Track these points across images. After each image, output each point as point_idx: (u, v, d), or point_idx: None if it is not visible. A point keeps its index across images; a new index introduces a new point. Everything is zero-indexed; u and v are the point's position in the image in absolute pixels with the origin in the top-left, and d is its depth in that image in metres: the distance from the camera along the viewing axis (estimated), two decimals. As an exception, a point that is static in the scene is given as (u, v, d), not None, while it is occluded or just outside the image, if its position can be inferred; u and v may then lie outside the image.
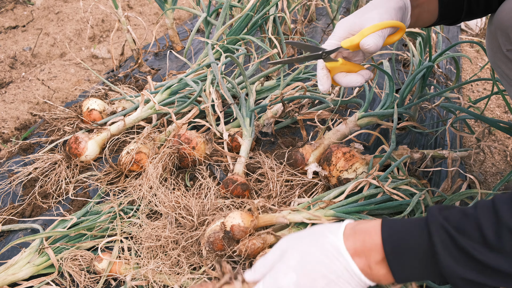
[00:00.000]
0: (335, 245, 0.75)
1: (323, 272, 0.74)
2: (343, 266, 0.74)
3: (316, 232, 0.80)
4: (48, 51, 2.76)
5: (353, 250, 0.75)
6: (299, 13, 2.55)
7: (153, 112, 1.76)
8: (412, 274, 0.73)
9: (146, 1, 3.46)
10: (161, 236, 1.27)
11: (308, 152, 1.52)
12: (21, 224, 1.46)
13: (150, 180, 1.44)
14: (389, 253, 0.73)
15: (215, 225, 1.22)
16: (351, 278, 0.74)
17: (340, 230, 0.77)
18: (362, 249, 0.74)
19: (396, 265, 0.73)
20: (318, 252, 0.76)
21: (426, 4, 1.16)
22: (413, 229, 0.73)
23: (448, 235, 0.68)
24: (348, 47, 1.02)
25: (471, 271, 0.67)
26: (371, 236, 0.75)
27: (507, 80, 1.26)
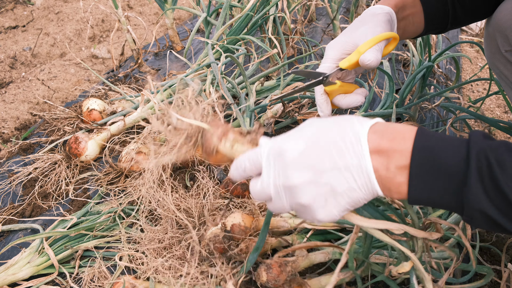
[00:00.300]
0: (357, 133, 0.68)
1: (333, 155, 0.68)
2: (357, 157, 0.68)
3: (345, 117, 0.73)
4: (48, 51, 2.76)
5: (376, 146, 0.68)
6: (299, 13, 2.55)
7: (153, 112, 1.76)
8: (429, 195, 0.67)
9: (146, 1, 3.46)
10: (164, 239, 1.26)
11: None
12: (21, 224, 1.46)
13: (149, 182, 1.44)
14: (415, 162, 0.66)
15: (215, 228, 1.22)
16: (360, 174, 0.68)
17: (369, 122, 0.71)
18: (387, 148, 0.67)
19: (417, 178, 0.67)
20: (337, 134, 0.69)
21: (411, 16, 1.16)
22: (450, 146, 0.66)
23: (488, 164, 0.63)
24: (347, 67, 1.01)
25: (495, 209, 0.64)
26: (403, 139, 0.68)
27: (506, 81, 1.26)
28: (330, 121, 0.72)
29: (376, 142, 0.68)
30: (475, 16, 1.23)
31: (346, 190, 0.69)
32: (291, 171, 0.70)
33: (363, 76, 2.22)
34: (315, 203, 0.70)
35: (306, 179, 0.69)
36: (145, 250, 1.26)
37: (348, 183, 0.69)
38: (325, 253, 1.16)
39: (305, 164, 0.69)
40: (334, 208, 0.71)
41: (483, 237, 1.42)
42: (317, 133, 0.71)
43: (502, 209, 0.64)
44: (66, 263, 1.32)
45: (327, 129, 0.71)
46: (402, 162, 0.67)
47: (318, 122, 0.73)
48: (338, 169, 0.68)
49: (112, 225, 1.39)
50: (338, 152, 0.68)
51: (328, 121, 0.72)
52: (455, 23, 1.21)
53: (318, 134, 0.71)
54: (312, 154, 0.69)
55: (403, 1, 1.13)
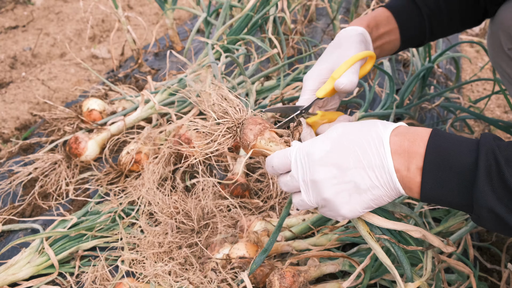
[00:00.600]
0: (379, 135, 0.73)
1: (357, 155, 0.73)
2: (380, 158, 0.72)
3: (369, 121, 0.78)
4: (48, 51, 2.76)
5: (397, 147, 0.72)
6: (299, 13, 2.55)
7: (153, 112, 1.76)
8: (441, 193, 0.70)
9: (146, 1, 3.46)
10: (164, 243, 1.26)
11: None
12: (21, 224, 1.46)
13: (149, 183, 1.44)
14: (428, 163, 0.70)
15: (219, 256, 1.20)
16: (382, 173, 0.72)
17: (392, 125, 0.75)
18: (407, 149, 0.72)
19: (429, 177, 0.70)
20: (361, 136, 0.74)
21: (387, 34, 1.15)
22: (462, 146, 0.70)
23: (496, 163, 0.65)
24: (324, 95, 0.99)
25: (503, 206, 0.65)
26: (423, 140, 0.72)
27: (508, 80, 1.27)
28: (355, 125, 0.77)
29: (398, 144, 0.72)
30: (453, 30, 1.23)
31: (370, 187, 0.73)
32: (317, 167, 0.75)
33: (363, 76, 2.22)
34: (338, 198, 0.75)
35: (330, 175, 0.75)
36: (145, 254, 1.26)
37: (371, 180, 0.73)
38: (335, 264, 1.16)
39: (331, 162, 0.75)
40: (358, 204, 0.75)
41: (483, 237, 1.42)
42: (343, 135, 0.76)
43: (510, 207, 0.65)
44: (66, 263, 1.32)
45: (352, 131, 0.76)
46: (419, 163, 0.71)
47: (344, 126, 0.78)
48: (362, 167, 0.73)
49: (112, 225, 1.39)
50: (362, 152, 0.73)
51: (354, 125, 0.78)
52: (432, 37, 1.21)
53: (344, 135, 0.76)
54: (337, 153, 0.75)
55: (376, 20, 1.12)
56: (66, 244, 1.32)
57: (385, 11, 1.15)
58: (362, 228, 0.82)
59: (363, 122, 0.78)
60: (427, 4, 1.15)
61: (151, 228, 1.32)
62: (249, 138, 0.86)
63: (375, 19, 1.12)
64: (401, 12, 1.15)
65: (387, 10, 1.15)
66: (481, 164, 0.66)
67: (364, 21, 1.10)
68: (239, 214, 1.35)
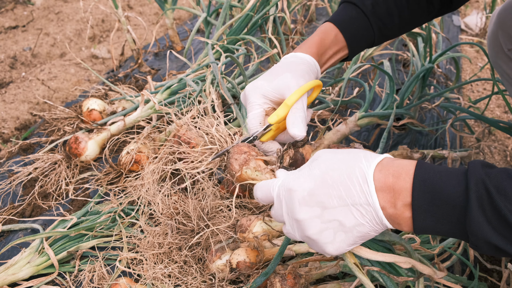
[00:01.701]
0: (363, 172, 0.71)
1: (341, 193, 0.71)
2: (364, 196, 0.70)
3: (352, 153, 0.75)
4: (48, 51, 2.76)
5: (382, 184, 0.70)
6: (299, 13, 2.55)
7: (153, 112, 1.76)
8: (434, 226, 0.69)
9: (146, 1, 3.46)
10: (164, 244, 1.26)
11: (308, 152, 1.52)
12: (21, 224, 1.46)
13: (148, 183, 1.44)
14: (417, 198, 0.68)
15: (220, 262, 1.19)
16: (368, 211, 0.70)
17: (376, 159, 0.72)
18: (392, 186, 0.70)
19: (420, 212, 0.68)
20: (345, 172, 0.72)
21: (336, 55, 1.15)
22: (450, 178, 0.67)
23: (487, 193, 0.64)
24: (276, 121, 0.98)
25: (500, 237, 0.64)
26: (408, 175, 0.69)
27: (508, 80, 1.27)
28: (338, 159, 0.74)
29: (382, 181, 0.70)
30: (402, 32, 1.23)
31: (355, 225, 0.72)
32: (299, 206, 0.73)
33: (363, 76, 2.22)
34: (322, 237, 0.74)
35: (314, 215, 0.73)
36: (145, 255, 1.25)
37: (356, 219, 0.71)
38: (336, 266, 1.16)
39: (314, 201, 0.73)
40: (343, 242, 0.74)
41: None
42: (326, 172, 0.73)
43: (506, 236, 0.64)
44: (66, 263, 1.32)
45: (335, 167, 0.73)
46: (407, 199, 0.69)
47: (327, 160, 0.75)
48: (346, 206, 0.71)
49: (112, 225, 1.39)
50: (345, 190, 0.71)
51: (336, 159, 0.74)
52: (379, 42, 1.21)
53: (326, 172, 0.73)
54: (320, 192, 0.72)
55: (324, 45, 1.10)
56: (66, 244, 1.32)
57: (333, 28, 1.12)
58: (349, 260, 0.81)
59: (346, 155, 0.75)
60: (377, 14, 1.13)
61: (151, 228, 1.32)
62: (235, 169, 0.87)
63: (323, 43, 1.10)
64: (350, 27, 1.13)
65: (335, 27, 1.12)
66: (472, 195, 0.64)
67: (313, 48, 1.08)
68: (238, 214, 1.35)
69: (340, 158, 0.74)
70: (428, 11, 1.18)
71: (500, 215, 0.63)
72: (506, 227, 0.63)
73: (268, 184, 0.81)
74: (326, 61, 1.13)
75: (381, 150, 1.40)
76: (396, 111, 1.56)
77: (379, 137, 1.78)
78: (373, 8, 1.13)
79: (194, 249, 1.27)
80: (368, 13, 1.12)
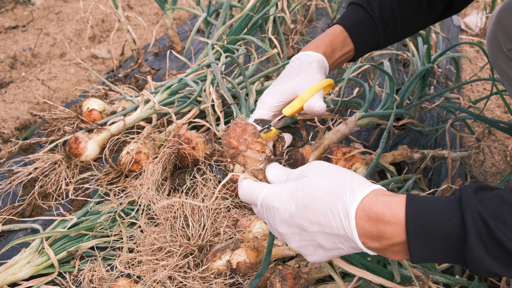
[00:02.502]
0: (345, 207, 0.69)
1: (321, 223, 0.70)
2: (344, 231, 0.69)
3: (339, 180, 0.72)
4: (48, 51, 2.76)
5: (364, 221, 0.68)
6: (299, 13, 2.55)
7: (153, 112, 1.76)
8: (433, 257, 0.68)
9: (146, 1, 3.46)
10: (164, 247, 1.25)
11: (308, 152, 1.52)
12: (21, 224, 1.46)
13: (148, 184, 1.44)
14: (412, 234, 0.66)
15: (220, 262, 1.19)
16: (348, 241, 0.70)
17: (361, 195, 0.69)
18: (377, 232, 0.68)
19: (417, 247, 0.67)
20: (327, 203, 0.70)
21: (342, 56, 1.17)
22: (443, 211, 0.66)
23: (484, 224, 0.62)
24: (291, 113, 1.00)
25: (502, 266, 0.63)
26: (397, 213, 0.67)
27: (508, 80, 1.27)
28: (325, 185, 0.72)
29: (365, 219, 0.68)
30: (405, 36, 1.26)
31: (334, 248, 0.72)
32: (280, 223, 0.75)
33: (363, 76, 2.22)
34: (303, 250, 0.76)
35: (294, 232, 0.74)
36: (145, 256, 1.25)
37: (335, 244, 0.71)
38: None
39: (294, 223, 0.73)
40: (324, 256, 0.75)
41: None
42: (308, 197, 0.71)
43: (508, 264, 0.63)
44: (66, 263, 1.32)
45: (318, 195, 0.71)
46: (397, 239, 0.67)
47: (313, 184, 0.73)
48: (325, 233, 0.71)
49: (112, 225, 1.39)
50: (325, 221, 0.70)
51: (322, 184, 0.72)
52: (384, 45, 1.23)
53: (309, 198, 0.71)
54: (300, 217, 0.72)
55: (332, 46, 1.13)
56: (66, 244, 1.32)
57: (341, 31, 1.15)
58: (328, 264, 0.83)
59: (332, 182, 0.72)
60: (382, 17, 1.16)
61: (151, 229, 1.32)
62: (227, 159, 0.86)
63: (331, 45, 1.13)
64: (358, 31, 1.16)
65: (344, 31, 1.15)
66: (469, 228, 0.63)
67: (321, 49, 1.11)
68: (238, 214, 1.35)
69: (326, 184, 0.72)
70: (430, 13, 1.19)
71: (500, 245, 0.62)
72: (508, 255, 0.62)
73: (253, 190, 0.81)
74: (333, 62, 1.15)
75: (381, 150, 1.40)
76: (396, 111, 1.56)
77: (379, 137, 1.78)
78: (379, 11, 1.15)
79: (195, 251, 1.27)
80: (375, 16, 1.15)
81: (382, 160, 1.49)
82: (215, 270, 1.19)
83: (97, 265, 1.25)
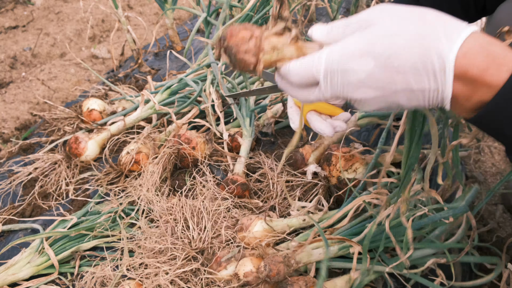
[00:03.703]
0: (442, 58, 0.57)
1: (409, 80, 0.59)
2: (436, 85, 0.58)
3: (428, 22, 0.59)
4: (48, 51, 2.76)
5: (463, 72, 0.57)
6: (299, 13, 2.55)
7: (153, 112, 1.76)
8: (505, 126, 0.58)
9: (146, 1, 3.46)
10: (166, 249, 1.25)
11: (308, 152, 1.52)
12: (21, 224, 1.46)
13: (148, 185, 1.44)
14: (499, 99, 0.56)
15: (226, 272, 1.18)
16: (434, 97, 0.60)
17: (459, 38, 0.57)
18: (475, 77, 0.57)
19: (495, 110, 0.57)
20: (417, 56, 0.57)
21: None
22: None
23: None
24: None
25: None
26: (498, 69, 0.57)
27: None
28: (409, 32, 0.58)
29: (464, 69, 0.57)
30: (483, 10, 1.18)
31: (413, 106, 0.63)
32: (356, 89, 0.62)
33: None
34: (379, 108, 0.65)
35: (372, 96, 0.62)
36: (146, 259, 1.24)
37: (418, 101, 0.61)
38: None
39: (374, 85, 0.61)
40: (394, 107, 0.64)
41: (483, 237, 1.43)
42: (392, 49, 0.58)
43: None
44: (66, 263, 1.32)
45: (404, 44, 0.58)
46: (488, 97, 0.58)
47: (392, 34, 0.59)
48: (411, 91, 0.60)
49: (112, 225, 1.39)
50: (415, 77, 0.58)
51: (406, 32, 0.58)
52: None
53: (393, 50, 0.58)
54: (383, 76, 0.60)
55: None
56: (66, 244, 1.32)
57: None
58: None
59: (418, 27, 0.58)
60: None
61: (151, 230, 1.32)
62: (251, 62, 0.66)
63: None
64: None
65: None
66: None
67: None
68: (238, 214, 1.35)
69: (411, 31, 0.58)
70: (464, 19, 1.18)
71: None
72: None
73: (308, 63, 0.64)
74: None
75: (379, 149, 1.40)
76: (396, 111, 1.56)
77: (379, 137, 1.78)
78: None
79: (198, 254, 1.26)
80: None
81: (382, 160, 1.49)
82: (221, 280, 1.18)
83: (98, 267, 1.25)
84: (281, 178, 1.46)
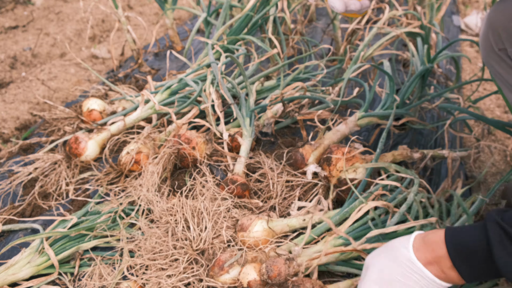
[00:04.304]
0: (407, 258, 0.85)
1: (401, 281, 0.85)
2: (419, 275, 0.84)
3: (389, 247, 0.90)
4: (48, 51, 2.76)
5: (424, 260, 0.84)
6: (299, 13, 2.54)
7: (153, 112, 1.76)
8: (478, 274, 0.81)
9: (146, 1, 3.46)
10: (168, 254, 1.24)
11: (308, 152, 1.52)
12: (21, 224, 1.46)
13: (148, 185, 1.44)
14: (454, 258, 0.81)
15: (228, 276, 1.17)
16: (428, 284, 0.84)
17: (409, 243, 0.87)
18: (433, 258, 0.84)
19: (463, 268, 0.81)
20: (394, 265, 0.86)
21: None
22: (473, 231, 0.81)
23: (503, 230, 0.75)
24: None
25: None
26: (439, 245, 0.83)
27: (501, 79, 1.28)
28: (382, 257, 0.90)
29: (423, 258, 0.85)
30: None
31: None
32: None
33: (363, 76, 2.22)
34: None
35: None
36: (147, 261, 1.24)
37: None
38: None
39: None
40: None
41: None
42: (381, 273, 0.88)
43: None
44: (66, 263, 1.32)
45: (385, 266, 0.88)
46: (448, 264, 0.83)
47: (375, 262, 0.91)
48: (406, 285, 0.86)
49: (112, 225, 1.39)
50: (403, 277, 0.86)
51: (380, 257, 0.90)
52: None
53: (382, 273, 0.88)
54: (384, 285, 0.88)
55: None
56: (66, 244, 1.32)
57: None
58: None
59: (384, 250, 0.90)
60: None
61: (151, 230, 1.32)
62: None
63: None
64: None
65: None
66: (490, 236, 0.76)
67: None
68: (238, 214, 1.35)
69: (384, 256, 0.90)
70: None
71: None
72: None
73: None
74: None
75: (380, 150, 1.40)
76: (396, 111, 1.56)
77: (379, 137, 1.78)
78: None
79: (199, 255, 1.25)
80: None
81: (382, 160, 1.49)
82: (224, 285, 1.17)
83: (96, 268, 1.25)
84: (281, 178, 1.46)
